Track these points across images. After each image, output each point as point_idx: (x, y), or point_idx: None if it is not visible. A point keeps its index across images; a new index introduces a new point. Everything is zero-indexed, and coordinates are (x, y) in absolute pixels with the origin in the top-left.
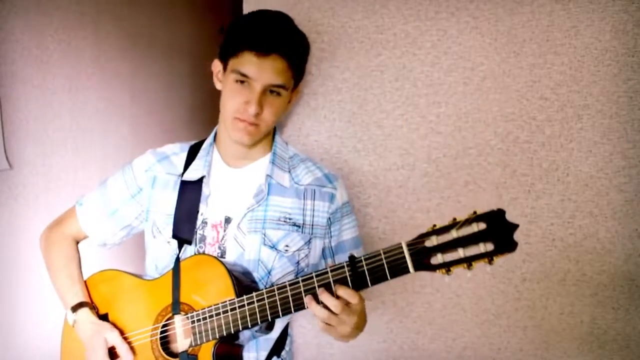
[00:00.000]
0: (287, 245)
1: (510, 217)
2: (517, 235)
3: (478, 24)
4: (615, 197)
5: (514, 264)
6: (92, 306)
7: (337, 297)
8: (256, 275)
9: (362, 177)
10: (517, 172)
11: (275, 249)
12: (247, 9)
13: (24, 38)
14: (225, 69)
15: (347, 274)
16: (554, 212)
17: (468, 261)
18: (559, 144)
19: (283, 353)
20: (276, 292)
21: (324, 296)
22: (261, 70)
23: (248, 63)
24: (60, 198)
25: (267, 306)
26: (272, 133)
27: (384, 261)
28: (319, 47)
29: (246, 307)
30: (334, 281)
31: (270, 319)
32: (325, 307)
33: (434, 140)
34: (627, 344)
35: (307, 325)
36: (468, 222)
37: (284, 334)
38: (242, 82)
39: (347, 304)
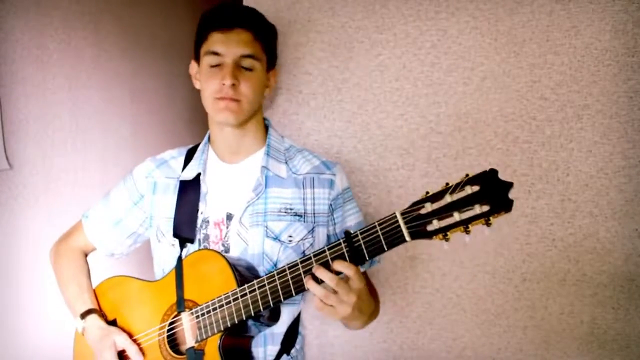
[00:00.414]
0: (290, 236)
1: (510, 216)
2: (517, 235)
3: (478, 24)
4: (615, 197)
5: (514, 264)
6: (101, 313)
7: (337, 274)
8: (262, 270)
9: (363, 177)
10: (517, 172)
11: (279, 240)
12: None
13: (24, 38)
14: (199, 62)
15: (344, 250)
16: (554, 212)
17: (465, 224)
18: (559, 144)
19: (293, 351)
20: (276, 277)
21: (320, 271)
22: (228, 43)
23: (216, 41)
24: (61, 198)
25: (269, 292)
26: (265, 127)
27: (380, 233)
28: (319, 47)
29: (248, 295)
30: (331, 259)
31: (272, 305)
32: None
33: (434, 140)
34: (627, 344)
35: (308, 326)
36: (461, 185)
37: (295, 331)
38: (216, 65)
39: (346, 281)
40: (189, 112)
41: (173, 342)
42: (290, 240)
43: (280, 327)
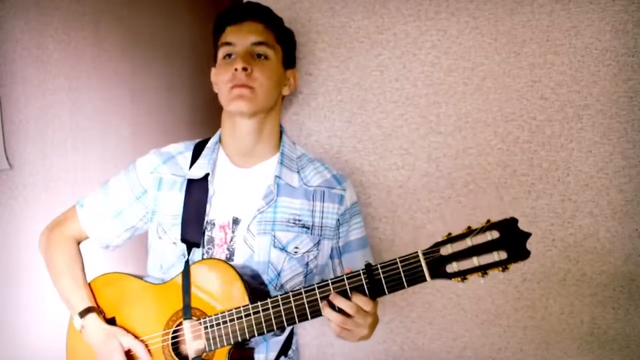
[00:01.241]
0: (296, 247)
1: (510, 217)
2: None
3: (478, 24)
4: (615, 197)
5: (514, 264)
6: (99, 311)
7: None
8: (266, 277)
9: (363, 177)
10: (517, 172)
11: (285, 250)
12: None
13: (24, 38)
14: (216, 60)
15: (364, 281)
16: (554, 212)
17: (483, 269)
18: (559, 144)
19: (290, 352)
20: (291, 299)
21: (338, 300)
22: (240, 33)
23: (229, 33)
24: (60, 198)
25: (283, 312)
26: (280, 133)
27: (401, 270)
28: (319, 47)
29: (261, 314)
30: (350, 289)
31: (286, 325)
32: (341, 311)
33: (434, 140)
34: (627, 344)
35: (307, 326)
36: (482, 230)
37: (291, 334)
38: (229, 55)
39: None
40: (189, 112)
41: (177, 349)
42: (296, 252)
43: (283, 335)
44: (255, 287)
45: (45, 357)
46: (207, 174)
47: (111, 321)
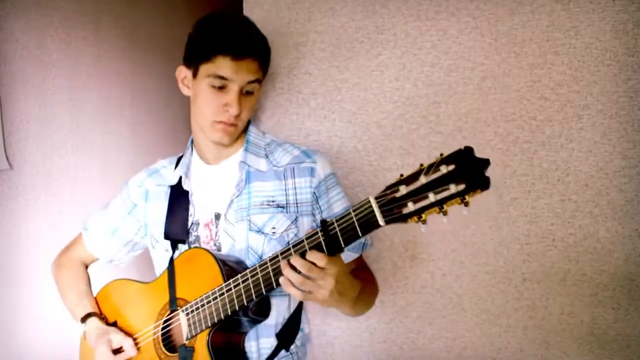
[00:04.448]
0: (273, 227)
1: (510, 216)
2: (517, 235)
3: (478, 24)
4: (615, 197)
5: (514, 264)
6: (102, 317)
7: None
8: (249, 263)
9: (362, 177)
10: (517, 172)
11: (262, 232)
12: (246, 8)
13: (24, 38)
14: (195, 75)
15: (321, 239)
16: (554, 212)
17: (439, 204)
18: (559, 144)
19: (292, 347)
20: (258, 270)
21: (293, 259)
22: (238, 71)
23: (225, 67)
24: (60, 198)
25: (251, 285)
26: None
27: (354, 219)
28: (319, 47)
29: (233, 290)
30: (309, 248)
31: (255, 298)
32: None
33: (434, 140)
34: (627, 344)
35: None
36: (436, 165)
37: (293, 326)
38: (219, 87)
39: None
40: (188, 112)
41: (170, 341)
42: (274, 232)
43: (271, 320)
44: (240, 272)
45: (45, 357)
46: (181, 177)
47: (113, 325)
